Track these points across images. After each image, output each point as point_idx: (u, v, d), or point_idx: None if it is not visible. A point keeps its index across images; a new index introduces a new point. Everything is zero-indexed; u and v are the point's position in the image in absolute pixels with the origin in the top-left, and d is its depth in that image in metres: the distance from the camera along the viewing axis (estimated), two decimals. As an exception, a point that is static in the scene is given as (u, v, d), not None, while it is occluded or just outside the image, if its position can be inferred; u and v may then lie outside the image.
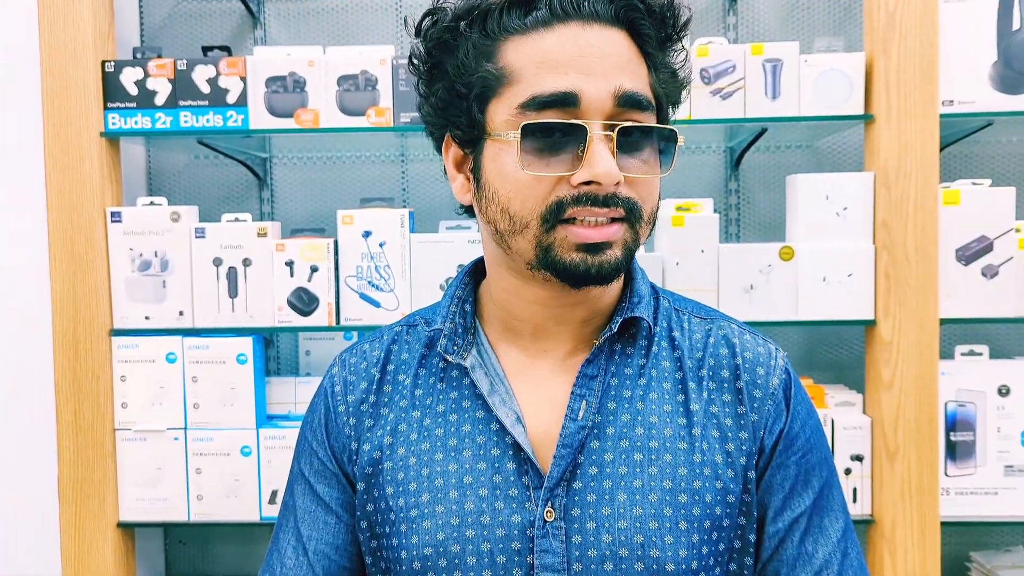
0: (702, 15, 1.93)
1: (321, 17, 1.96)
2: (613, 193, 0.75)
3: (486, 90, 0.77)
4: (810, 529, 0.83)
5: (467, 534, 0.78)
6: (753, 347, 0.86)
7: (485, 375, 0.83)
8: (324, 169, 1.98)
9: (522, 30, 0.76)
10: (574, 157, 0.75)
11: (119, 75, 1.65)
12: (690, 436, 0.81)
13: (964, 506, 1.63)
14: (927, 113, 1.58)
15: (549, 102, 0.74)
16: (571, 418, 0.80)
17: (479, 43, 0.77)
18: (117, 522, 1.68)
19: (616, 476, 0.79)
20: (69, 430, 1.65)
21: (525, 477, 0.79)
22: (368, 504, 0.84)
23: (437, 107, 0.82)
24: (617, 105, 0.75)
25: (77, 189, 1.63)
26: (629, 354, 0.84)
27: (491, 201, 0.78)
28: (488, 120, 0.78)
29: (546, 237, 0.76)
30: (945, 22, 1.59)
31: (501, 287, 0.85)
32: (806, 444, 0.85)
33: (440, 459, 0.81)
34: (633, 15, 0.77)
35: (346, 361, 0.91)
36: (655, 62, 0.80)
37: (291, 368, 1.99)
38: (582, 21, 0.75)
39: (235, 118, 1.65)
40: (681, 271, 1.64)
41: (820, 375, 1.92)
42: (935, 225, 1.58)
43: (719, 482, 0.80)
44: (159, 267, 1.66)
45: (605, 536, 0.77)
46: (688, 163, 1.95)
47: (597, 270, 0.76)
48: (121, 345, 1.67)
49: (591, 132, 0.74)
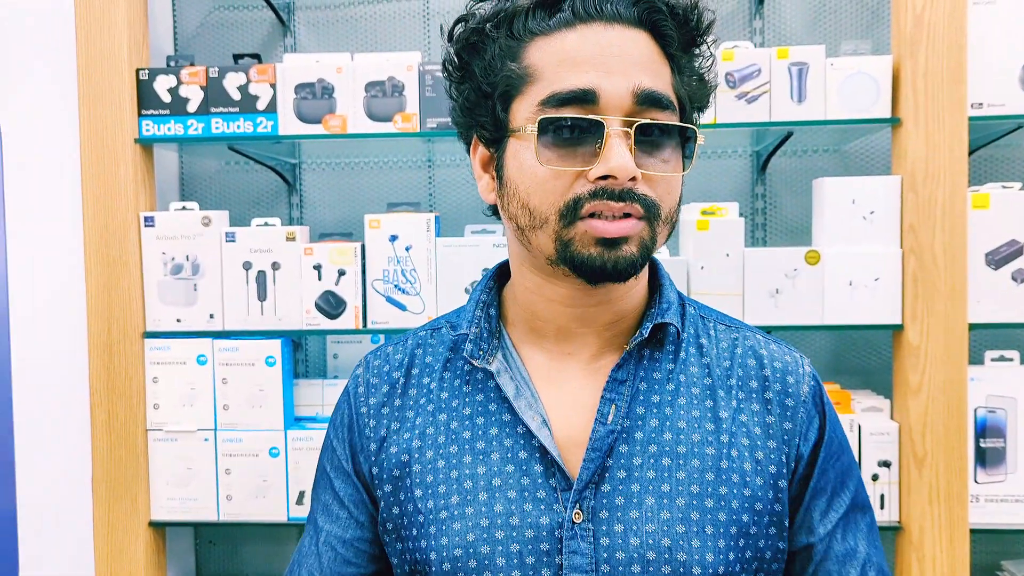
0: (728, 19, 1.93)
1: (350, 25, 1.99)
2: (630, 189, 0.75)
3: (510, 88, 0.79)
4: (849, 525, 0.86)
5: (497, 535, 0.79)
6: (780, 356, 0.87)
7: (511, 379, 0.83)
8: (352, 174, 2.01)
9: (546, 31, 0.77)
10: (591, 153, 0.75)
11: (153, 83, 1.69)
12: (718, 442, 0.81)
13: (995, 514, 1.61)
14: (955, 116, 1.57)
15: (568, 99, 0.75)
16: (601, 422, 0.80)
17: (505, 45, 0.79)
18: (149, 521, 1.71)
19: (644, 480, 0.79)
20: (103, 430, 1.69)
21: (552, 479, 0.80)
22: (394, 507, 0.85)
23: (464, 107, 0.83)
24: (636, 103, 0.76)
25: (112, 194, 1.67)
26: (657, 359, 0.84)
27: (512, 197, 0.80)
28: (511, 118, 0.79)
29: (566, 232, 0.76)
30: (974, 24, 1.58)
31: (524, 286, 0.86)
32: (840, 447, 0.87)
33: (468, 462, 0.82)
34: (656, 17, 0.77)
35: (370, 363, 0.93)
36: (679, 64, 0.80)
37: (319, 370, 2.01)
38: (604, 22, 0.76)
39: (265, 124, 1.68)
40: (706, 275, 1.64)
41: (847, 380, 1.90)
42: (964, 229, 1.57)
43: (747, 489, 0.80)
44: (190, 271, 1.69)
45: (633, 539, 0.78)
46: (714, 167, 1.94)
47: (613, 265, 0.76)
48: (153, 347, 1.70)
49: (608, 128, 0.75)
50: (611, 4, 0.76)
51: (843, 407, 1.66)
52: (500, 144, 0.81)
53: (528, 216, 0.78)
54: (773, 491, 0.82)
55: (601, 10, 0.76)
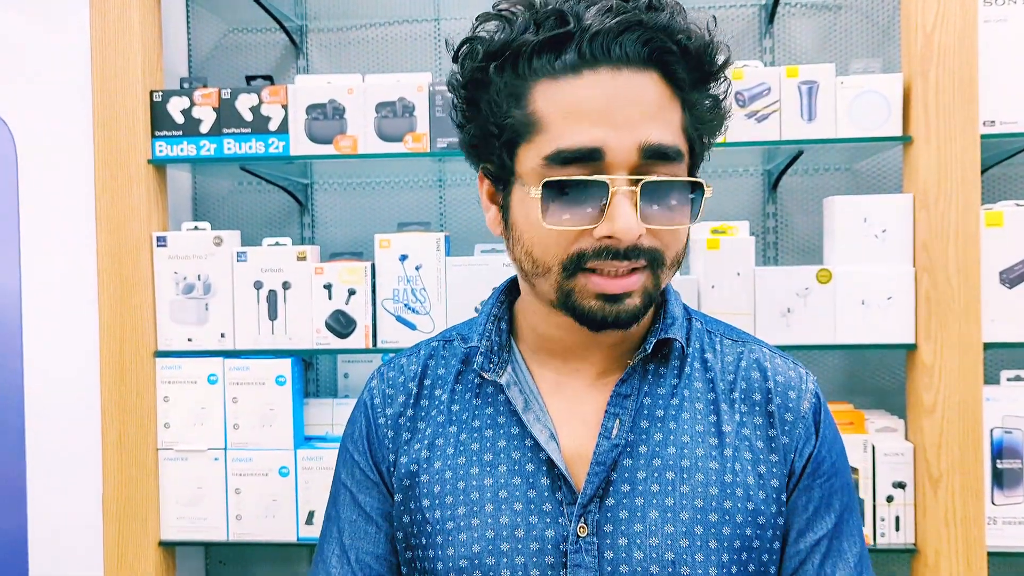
0: (738, 38, 1.93)
1: (362, 47, 2.01)
2: (635, 245, 0.75)
3: (516, 136, 0.78)
4: (830, 552, 0.84)
5: (502, 547, 0.80)
6: (784, 371, 0.87)
7: (520, 392, 0.84)
8: (364, 195, 2.02)
9: (551, 74, 0.75)
10: (596, 210, 0.75)
11: (166, 104, 1.71)
12: (722, 456, 0.82)
13: (1013, 536, 1.58)
14: (967, 134, 1.56)
15: (573, 157, 0.74)
16: (605, 436, 0.81)
17: (510, 83, 0.77)
18: (159, 540, 1.71)
19: (648, 494, 0.80)
20: (114, 449, 1.69)
21: (559, 493, 0.80)
22: (404, 516, 0.86)
23: (471, 144, 0.84)
24: (643, 157, 0.75)
25: (125, 214, 1.69)
26: (662, 374, 0.85)
27: (517, 242, 0.80)
28: (517, 164, 0.79)
29: (567, 283, 0.77)
30: (985, 42, 1.58)
31: (532, 310, 0.87)
32: (831, 468, 0.86)
33: (476, 473, 0.83)
34: (667, 58, 0.75)
35: (384, 375, 0.93)
36: (690, 102, 0.78)
37: (330, 390, 2.01)
38: (612, 66, 0.74)
39: (276, 145, 1.69)
40: (716, 294, 1.63)
41: (860, 400, 1.88)
42: (977, 247, 1.55)
43: (750, 503, 0.81)
44: (202, 290, 1.70)
45: (637, 552, 0.78)
46: (724, 186, 1.94)
47: (615, 318, 0.77)
48: (165, 366, 1.71)
49: (613, 188, 0.74)
50: (619, 46, 0.73)
51: (857, 427, 1.64)
52: (507, 186, 0.81)
53: (531, 264, 0.79)
54: (776, 504, 0.82)
55: (609, 53, 0.74)
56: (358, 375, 1.92)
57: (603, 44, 0.73)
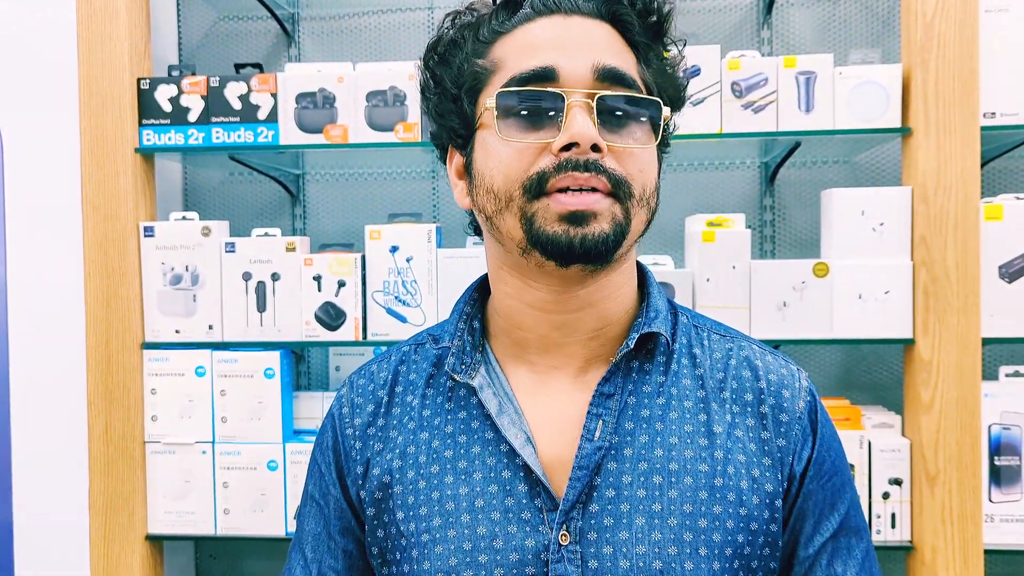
0: (736, 29, 1.91)
1: (354, 35, 1.98)
2: (596, 160, 0.73)
3: (476, 83, 0.79)
4: (837, 551, 0.81)
5: (480, 559, 0.76)
6: (776, 368, 0.83)
7: (493, 395, 0.80)
8: (356, 185, 1.99)
9: (509, 29, 0.79)
10: (554, 128, 0.74)
11: (154, 92, 1.68)
12: (712, 459, 0.78)
13: (1010, 534, 1.56)
14: (967, 126, 1.53)
15: (527, 78, 0.75)
16: (587, 439, 0.77)
17: (472, 49, 0.80)
18: (145, 535, 1.69)
19: (634, 499, 0.76)
20: (100, 442, 1.67)
21: (538, 500, 0.76)
22: (378, 530, 0.82)
23: (436, 115, 0.83)
24: (597, 79, 0.75)
25: (112, 204, 1.66)
26: (647, 371, 0.80)
27: (479, 187, 0.78)
28: (477, 111, 0.79)
29: (529, 207, 0.74)
30: (986, 32, 1.55)
31: (505, 292, 0.82)
32: (832, 467, 0.83)
33: (450, 482, 0.79)
34: (614, 7, 0.78)
35: (354, 383, 0.89)
36: (645, 56, 0.80)
37: (321, 383, 1.99)
38: (564, 14, 0.77)
39: (266, 134, 1.67)
40: (712, 288, 1.60)
41: (857, 395, 1.86)
42: (976, 241, 1.53)
43: (743, 508, 0.77)
44: (190, 281, 1.68)
45: (623, 561, 0.74)
46: (721, 178, 1.92)
47: (581, 242, 0.73)
48: (152, 358, 1.68)
49: (569, 99, 0.74)
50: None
51: (853, 423, 1.62)
52: (469, 142, 0.80)
53: (494, 200, 0.76)
54: (769, 511, 0.78)
55: (559, 3, 0.77)
56: (350, 368, 1.89)
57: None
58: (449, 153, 0.85)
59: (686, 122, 1.61)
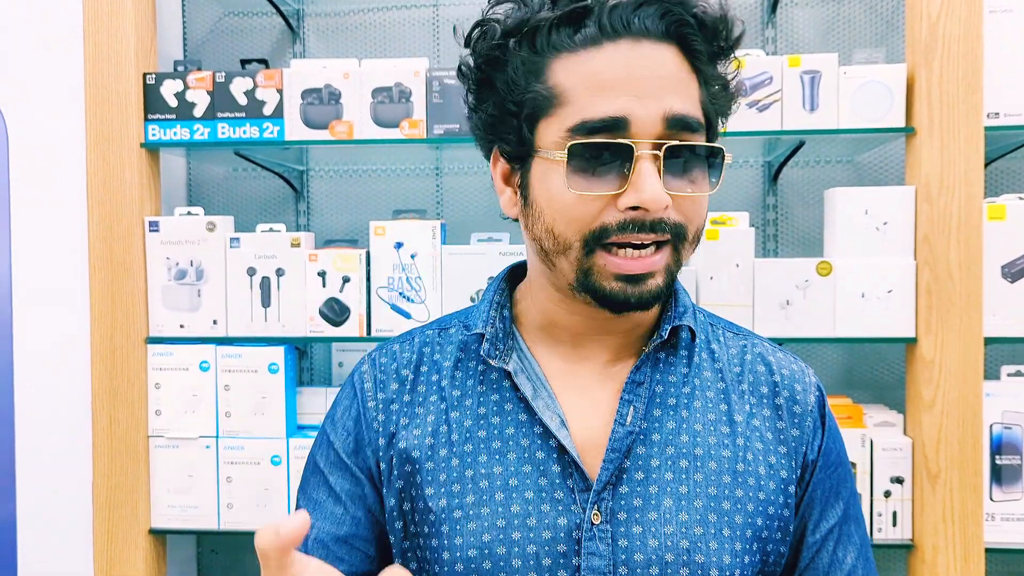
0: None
1: (359, 31, 1.99)
2: (661, 219, 0.75)
3: (536, 110, 0.77)
4: (841, 537, 0.86)
5: (513, 536, 0.79)
6: (788, 365, 0.88)
7: (528, 379, 0.83)
8: (360, 182, 2.00)
9: (571, 48, 0.75)
10: (620, 177, 0.74)
11: (159, 87, 1.68)
12: (734, 445, 0.82)
13: (1011, 532, 1.57)
14: (971, 126, 1.54)
15: (598, 128, 0.74)
16: (620, 423, 0.80)
17: (528, 60, 0.77)
18: (149, 529, 1.70)
19: (662, 482, 0.79)
20: (105, 436, 1.67)
21: (570, 480, 0.79)
22: (405, 503, 0.84)
23: (486, 123, 0.82)
24: (667, 128, 0.74)
25: (117, 198, 1.67)
26: (672, 363, 0.85)
27: (537, 220, 0.79)
28: (537, 139, 0.78)
29: (586, 261, 0.76)
30: (990, 32, 1.55)
31: (545, 296, 0.85)
32: (838, 458, 0.88)
33: (484, 461, 0.82)
34: (684, 31, 0.76)
35: (376, 360, 0.91)
36: (706, 76, 0.79)
37: (324, 379, 1.99)
38: (632, 38, 0.74)
39: (271, 130, 1.67)
40: (715, 286, 1.61)
41: (859, 394, 1.87)
42: (979, 241, 1.53)
43: (761, 493, 0.81)
44: (194, 276, 1.68)
45: (651, 540, 0.77)
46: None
47: (637, 299, 0.76)
48: (156, 353, 1.69)
49: (638, 151, 0.73)
50: (638, 19, 0.74)
51: (855, 421, 1.63)
52: (525, 162, 0.80)
53: (552, 241, 0.78)
54: (784, 496, 0.82)
55: (628, 26, 0.74)
56: (352, 364, 1.90)
57: (622, 17, 0.74)
58: (494, 156, 0.84)
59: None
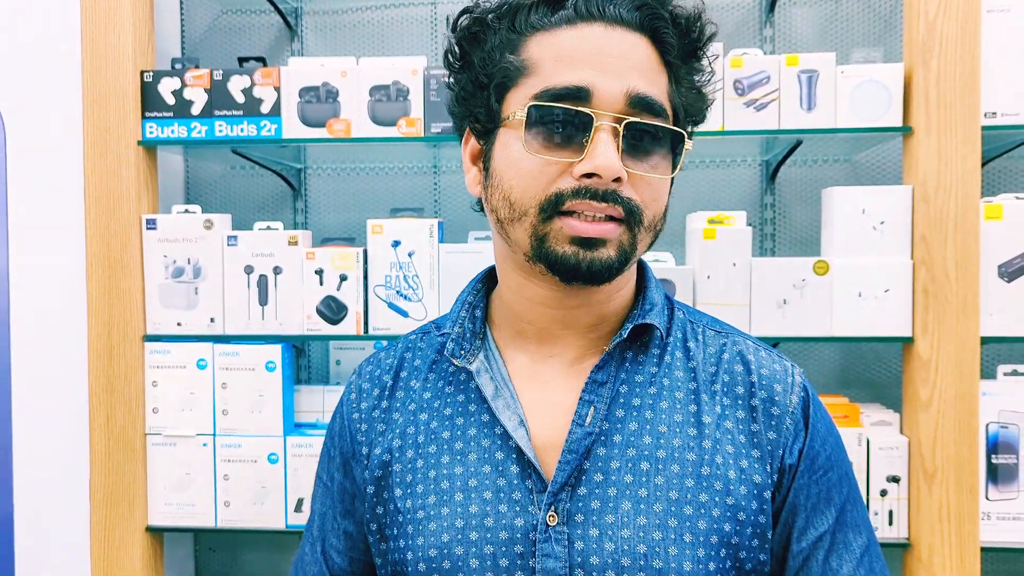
0: (738, 27, 1.91)
1: (357, 30, 1.98)
2: (614, 190, 0.74)
3: (506, 79, 0.78)
4: (834, 546, 0.82)
5: (471, 536, 0.79)
6: (769, 364, 0.84)
7: (490, 379, 0.83)
8: (357, 180, 2.00)
9: (547, 27, 0.77)
10: (579, 148, 0.75)
11: (157, 85, 1.68)
12: (700, 448, 0.79)
13: (1006, 532, 1.57)
14: (968, 125, 1.54)
15: (561, 94, 0.75)
16: (578, 423, 0.79)
17: (506, 37, 0.79)
18: (146, 526, 1.70)
19: (621, 484, 0.78)
20: (102, 434, 1.67)
21: (528, 481, 0.79)
22: (378, 507, 0.85)
23: (461, 97, 0.83)
24: (628, 105, 0.75)
25: (114, 196, 1.66)
26: (641, 362, 0.83)
27: (496, 188, 0.79)
28: (503, 110, 0.79)
29: (542, 227, 0.76)
30: (988, 32, 1.55)
31: (508, 286, 0.85)
32: (827, 462, 0.83)
33: (447, 462, 0.82)
34: (657, 23, 0.77)
35: (362, 370, 0.93)
36: (677, 74, 0.80)
37: (322, 377, 1.99)
38: (606, 23, 0.76)
39: (269, 127, 1.67)
40: (712, 285, 1.61)
41: (856, 393, 1.87)
42: (976, 240, 1.54)
43: (730, 498, 0.78)
44: (192, 274, 1.68)
45: (608, 544, 0.76)
46: (722, 176, 1.92)
47: (588, 266, 0.75)
48: (153, 351, 1.69)
49: (597, 122, 0.74)
50: (613, 6, 0.76)
51: (851, 420, 1.63)
52: (491, 136, 0.81)
53: (509, 208, 0.78)
54: (758, 502, 0.79)
55: (603, 11, 0.76)
56: (350, 362, 1.90)
57: (598, 3, 0.76)
58: (465, 136, 0.86)
59: (688, 119, 1.61)
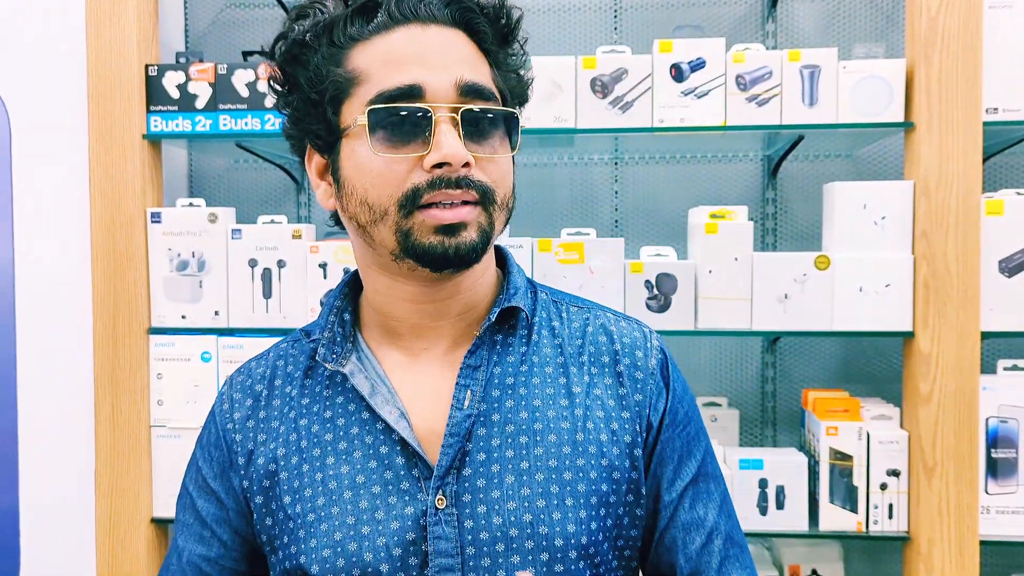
0: (740, 22, 1.91)
1: (360, 24, 1.99)
2: (465, 176, 0.78)
3: (338, 93, 0.80)
4: (698, 495, 0.88)
5: (363, 531, 0.80)
6: (629, 332, 0.90)
7: (365, 379, 0.85)
8: (361, 174, 2.00)
9: (366, 36, 0.80)
10: (423, 143, 0.77)
11: (162, 79, 1.69)
12: (573, 416, 0.84)
13: (1006, 525, 1.58)
14: (970, 121, 1.54)
15: (395, 96, 0.77)
16: (457, 408, 0.82)
17: (328, 53, 0.81)
18: (151, 517, 1.71)
19: (504, 460, 0.81)
20: (107, 425, 1.69)
21: (415, 470, 0.81)
22: (267, 517, 0.86)
23: (295, 118, 0.85)
24: (460, 94, 0.78)
25: (119, 190, 1.67)
26: (510, 343, 0.87)
27: (351, 196, 0.81)
28: (342, 120, 0.81)
29: (405, 222, 0.78)
30: (989, 28, 1.56)
31: (375, 288, 0.87)
32: (686, 417, 0.90)
33: (332, 463, 0.83)
34: (468, 16, 0.81)
35: (233, 380, 0.93)
36: (496, 60, 0.84)
37: (325, 370, 2.00)
38: (420, 23, 0.79)
39: (273, 122, 1.68)
40: (714, 279, 1.62)
41: (856, 387, 1.88)
42: (977, 235, 1.54)
43: (604, 459, 0.83)
44: (196, 267, 1.69)
45: (495, 518, 0.80)
46: (724, 171, 1.93)
47: (455, 251, 0.78)
48: (158, 343, 1.70)
49: (436, 115, 0.77)
50: (424, 6, 0.80)
51: (852, 414, 1.64)
52: (334, 148, 0.82)
53: (368, 211, 0.80)
54: (630, 460, 0.84)
55: (416, 12, 0.79)
56: (353, 355, 1.91)
57: (410, 5, 0.80)
58: (308, 153, 0.87)
59: (690, 114, 1.62)
